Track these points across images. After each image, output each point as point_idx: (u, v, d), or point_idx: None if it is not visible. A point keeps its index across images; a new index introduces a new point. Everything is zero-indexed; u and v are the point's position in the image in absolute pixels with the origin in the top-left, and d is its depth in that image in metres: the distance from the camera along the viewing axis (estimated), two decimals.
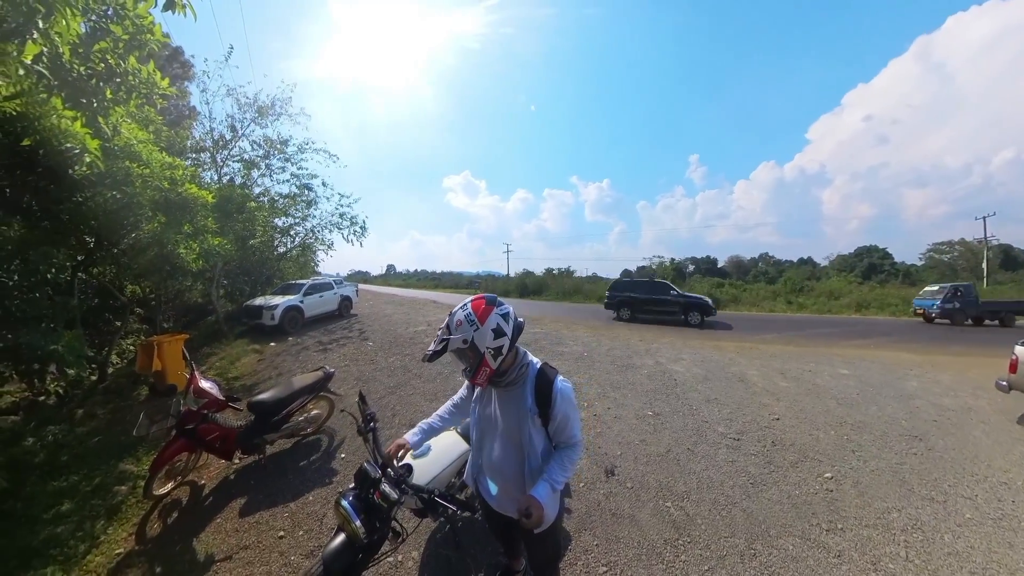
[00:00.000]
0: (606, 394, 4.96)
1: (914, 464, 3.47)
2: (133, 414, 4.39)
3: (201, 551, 2.59)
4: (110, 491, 3.24)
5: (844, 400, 4.88)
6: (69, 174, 2.53)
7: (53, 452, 3.74)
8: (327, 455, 3.61)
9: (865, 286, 25.74)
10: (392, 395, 4.94)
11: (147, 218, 3.92)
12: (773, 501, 2.95)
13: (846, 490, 3.08)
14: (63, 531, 2.81)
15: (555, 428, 1.46)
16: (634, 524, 2.71)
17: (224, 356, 7.45)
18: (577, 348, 7.41)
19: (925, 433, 4.05)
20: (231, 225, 7.07)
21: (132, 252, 4.72)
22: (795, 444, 3.77)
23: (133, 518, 2.96)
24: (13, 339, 3.31)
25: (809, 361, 6.85)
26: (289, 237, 12.01)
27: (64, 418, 4.33)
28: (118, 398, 5.08)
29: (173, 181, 3.85)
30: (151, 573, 2.46)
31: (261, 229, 9.68)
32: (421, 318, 11.07)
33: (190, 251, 4.78)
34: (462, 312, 1.40)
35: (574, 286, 31.35)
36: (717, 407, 4.59)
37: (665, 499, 2.98)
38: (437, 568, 2.30)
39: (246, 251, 9.75)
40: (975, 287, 14.67)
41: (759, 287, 27.80)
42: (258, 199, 9.88)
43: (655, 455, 3.57)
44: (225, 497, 3.13)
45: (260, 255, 10.79)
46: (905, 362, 7.06)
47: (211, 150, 10.13)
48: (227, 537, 2.70)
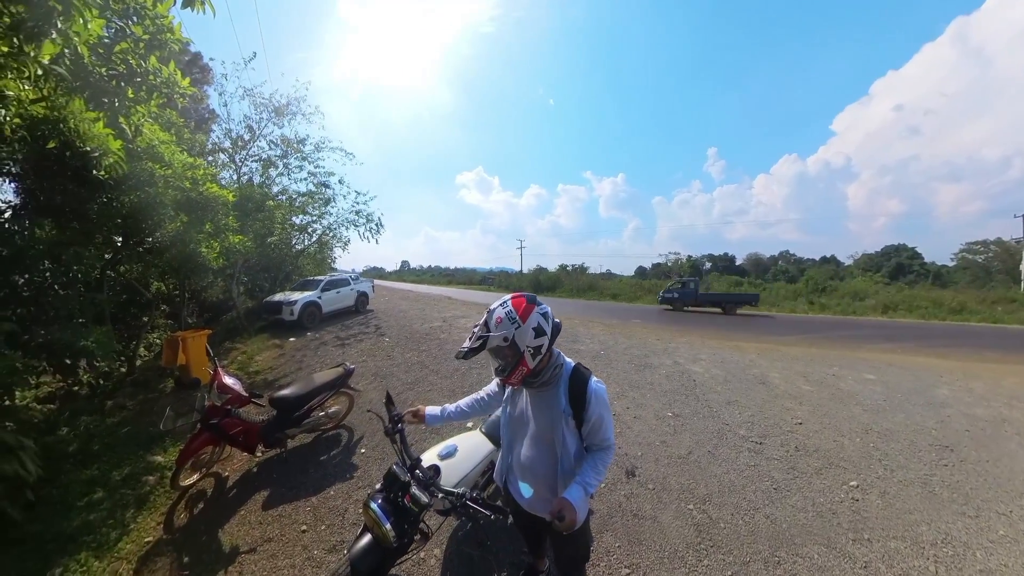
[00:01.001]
0: (624, 393, 4.90)
1: (944, 476, 3.30)
2: (160, 406, 4.53)
3: (226, 542, 2.65)
4: (139, 480, 3.35)
5: (870, 406, 4.69)
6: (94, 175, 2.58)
7: (86, 441, 3.88)
8: (347, 450, 3.65)
9: (892, 287, 24.63)
10: (410, 391, 4.96)
11: (169, 217, 4.01)
12: (797, 508, 2.87)
13: (872, 500, 2.97)
14: (95, 518, 2.91)
15: (589, 430, 1.45)
16: (656, 526, 2.68)
17: (245, 351, 7.62)
18: (594, 346, 7.33)
19: (957, 444, 3.83)
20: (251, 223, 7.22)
21: (156, 251, 4.85)
22: (819, 450, 3.65)
23: (161, 507, 3.05)
24: (47, 334, 3.44)
25: (832, 364, 6.59)
26: (307, 234, 12.22)
27: (96, 409, 4.49)
28: (146, 390, 5.25)
29: (194, 181, 3.94)
30: (179, 562, 2.52)
31: (280, 227, 9.87)
32: (436, 314, 11.11)
33: (211, 249, 4.88)
34: (502, 309, 1.37)
35: (588, 283, 31.20)
36: (738, 409, 4.48)
37: (687, 502, 2.93)
38: (460, 566, 2.30)
39: (265, 248, 9.96)
40: (700, 282, 20.59)
41: (779, 286, 27.15)
42: (276, 198, 10.06)
43: (676, 457, 3.51)
44: (248, 489, 3.19)
45: (279, 252, 11.01)
46: (935, 368, 6.69)
47: (230, 151, 10.37)
48: (251, 529, 2.75)
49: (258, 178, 10.66)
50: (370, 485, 3.06)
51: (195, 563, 2.50)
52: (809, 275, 28.91)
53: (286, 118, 10.76)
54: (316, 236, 12.40)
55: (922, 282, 29.98)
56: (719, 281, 29.55)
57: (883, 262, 40.99)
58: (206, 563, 2.49)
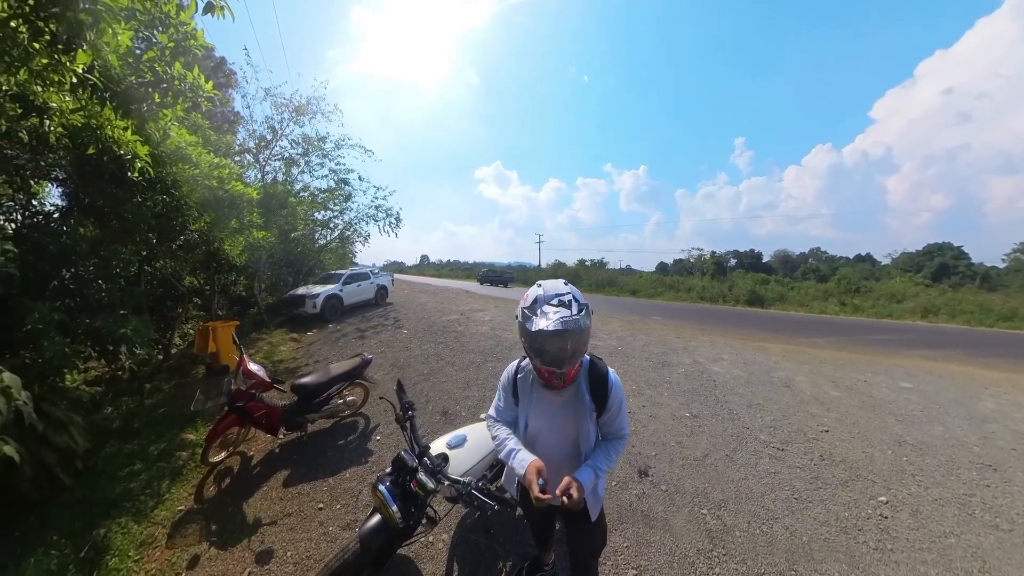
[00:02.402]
0: (641, 391, 4.82)
1: (986, 497, 3.01)
2: (192, 389, 4.84)
3: (250, 514, 2.85)
4: (173, 456, 3.62)
5: (904, 417, 4.39)
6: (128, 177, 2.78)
7: (127, 419, 4.21)
8: (363, 436, 3.81)
9: (934, 289, 22.70)
10: (426, 382, 5.07)
11: (194, 218, 4.26)
12: (819, 521, 2.73)
13: (903, 519, 2.76)
14: (134, 487, 3.17)
15: (607, 419, 1.44)
16: (667, 529, 2.62)
17: (270, 341, 8.00)
18: (611, 342, 7.26)
19: (1001, 463, 3.50)
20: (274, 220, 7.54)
21: (187, 247, 5.16)
22: (846, 460, 3.46)
23: (192, 480, 3.30)
24: (92, 323, 3.75)
25: (864, 370, 6.21)
26: (328, 229, 12.66)
27: (136, 391, 4.86)
28: (180, 375, 5.62)
29: (220, 179, 4.16)
30: (207, 530, 2.73)
31: (302, 223, 10.26)
32: (454, 307, 11.27)
33: (234, 246, 5.16)
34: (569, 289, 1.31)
35: (608, 278, 30.92)
36: (760, 413, 4.33)
37: (701, 506, 2.85)
38: (466, 552, 2.38)
39: (289, 244, 10.37)
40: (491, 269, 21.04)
41: (808, 285, 26.01)
42: (299, 195, 10.43)
43: (692, 459, 3.42)
44: (271, 468, 3.40)
45: (302, 247, 11.44)
46: (980, 379, 6.14)
47: (254, 151, 10.80)
48: (272, 504, 2.94)
49: (281, 176, 11.09)
50: (383, 470, 3.20)
51: (221, 531, 2.70)
52: (842, 274, 27.55)
53: (306, 117, 11.15)
54: (337, 231, 12.81)
55: (968, 284, 27.60)
56: (744, 279, 28.59)
57: (924, 262, 38.07)
58: (231, 532, 2.69)
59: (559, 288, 1.30)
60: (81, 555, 2.52)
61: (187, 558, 2.51)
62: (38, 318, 2.96)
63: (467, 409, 4.21)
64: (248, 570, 2.37)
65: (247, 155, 10.70)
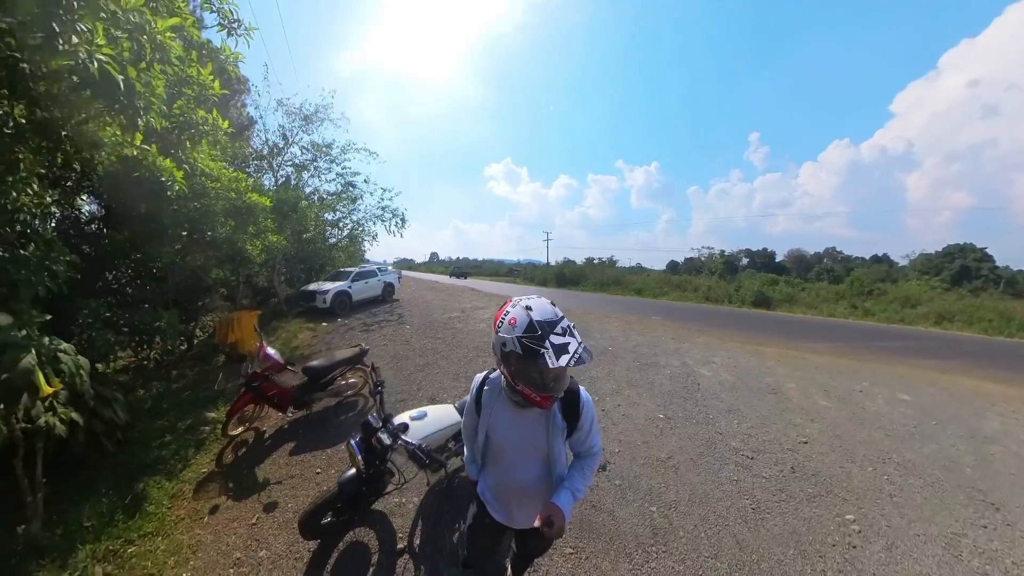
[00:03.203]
0: (620, 391, 4.91)
1: (979, 540, 2.70)
2: (214, 376, 5.45)
3: (260, 476, 3.40)
4: (197, 430, 4.23)
5: (895, 432, 4.17)
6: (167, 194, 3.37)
7: (157, 400, 4.85)
8: (360, 414, 4.33)
9: (952, 294, 21.22)
10: (420, 372, 5.51)
11: (220, 222, 4.86)
12: (773, 534, 2.64)
13: (874, 551, 2.55)
14: (166, 454, 3.79)
15: (579, 438, 1.42)
16: (612, 519, 2.72)
17: (288, 330, 8.64)
18: (603, 342, 7.34)
19: (994, 489, 3.29)
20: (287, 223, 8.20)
21: (214, 245, 5.77)
22: (819, 475, 3.32)
23: (213, 449, 3.88)
24: (131, 317, 4.38)
25: (863, 379, 5.94)
26: (338, 229, 13.34)
27: (163, 377, 5.51)
28: (202, 363, 6.28)
29: (238, 191, 4.75)
30: (225, 487, 3.29)
31: (313, 224, 10.94)
32: (456, 304, 11.71)
33: (255, 247, 5.79)
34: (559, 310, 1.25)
35: (613, 277, 30.99)
36: (737, 419, 4.27)
37: (651, 503, 2.90)
38: (430, 513, 2.79)
39: (301, 243, 11.06)
40: None
41: (820, 287, 25.07)
42: (309, 198, 11.10)
43: (654, 459, 3.46)
44: (280, 440, 3.95)
45: (313, 246, 12.14)
46: (988, 394, 5.67)
47: (268, 157, 11.51)
48: (279, 468, 3.48)
49: (293, 180, 11.79)
50: None
51: (236, 488, 3.26)
52: (854, 276, 26.52)
53: (314, 124, 11.82)
54: (347, 231, 13.49)
55: (990, 289, 25.46)
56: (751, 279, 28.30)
57: (944, 264, 35.67)
58: (244, 489, 3.24)
59: (552, 309, 1.23)
60: (125, 502, 3.09)
61: (209, 507, 3.06)
62: (88, 313, 3.58)
63: (453, 397, 4.68)
64: (257, 516, 2.90)
65: (263, 161, 11.42)
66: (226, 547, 2.64)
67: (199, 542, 2.72)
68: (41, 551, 2.61)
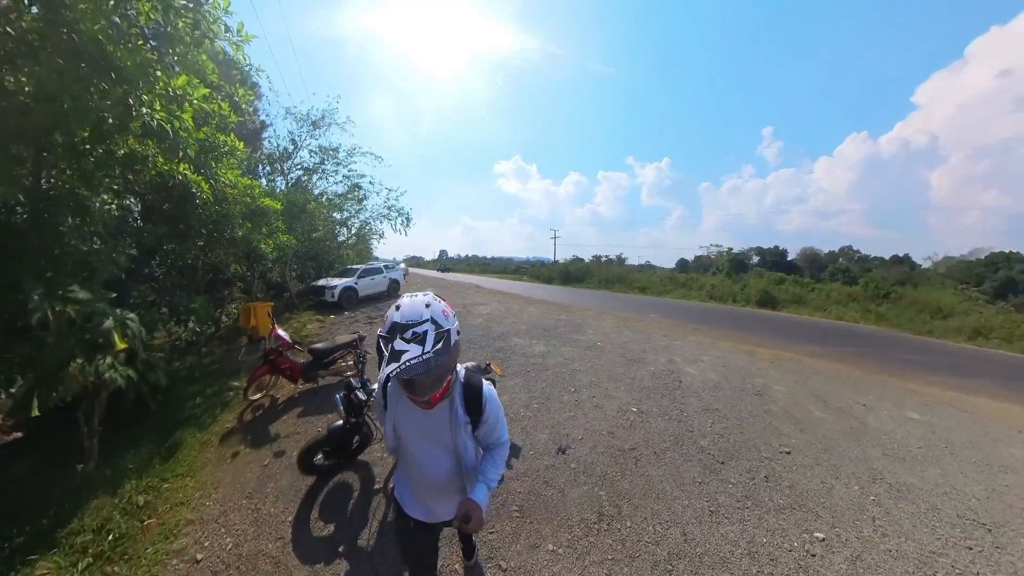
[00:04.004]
0: (599, 384, 5.00)
1: (962, 561, 2.46)
2: (236, 353, 6.29)
3: (273, 431, 4.15)
4: (223, 394, 5.05)
5: (895, 452, 3.82)
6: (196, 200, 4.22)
7: (190, 371, 5.70)
8: None
9: (992, 308, 18.60)
10: None
11: (238, 224, 5.66)
12: (727, 539, 2.54)
13: (835, 561, 2.40)
14: (197, 412, 4.59)
15: (484, 432, 1.44)
16: (561, 496, 2.87)
17: (297, 322, 9.48)
18: (593, 337, 7.46)
19: (1001, 524, 2.83)
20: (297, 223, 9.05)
21: (232, 244, 6.60)
22: (795, 487, 3.11)
23: (236, 410, 4.66)
24: (171, 300, 5.23)
25: (868, 392, 5.54)
26: (346, 228, 14.22)
27: (194, 353, 6.36)
28: (227, 343, 7.16)
29: (252, 196, 5.56)
30: (244, 438, 4.05)
31: (322, 224, 11.79)
32: (458, 300, 12.38)
33: (268, 246, 6.65)
34: (440, 302, 1.24)
35: (618, 275, 31.30)
36: (713, 419, 4.17)
37: (602, 488, 2.98)
38: None
39: (311, 242, 11.93)
40: None
41: (832, 287, 23.57)
42: (317, 199, 11.96)
43: (616, 449, 3.50)
44: (290, 406, 4.70)
45: (322, 244, 13.03)
46: (1016, 419, 5.16)
47: (279, 162, 12.41)
48: (288, 427, 4.22)
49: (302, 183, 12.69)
50: None
51: (254, 440, 4.02)
52: (869, 277, 24.68)
53: (321, 129, 12.67)
54: (354, 229, 14.36)
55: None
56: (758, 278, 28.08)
57: (986, 273, 30.42)
58: (259, 440, 4.00)
59: (418, 312, 1.16)
60: (162, 450, 3.87)
61: (231, 453, 3.81)
62: (137, 296, 4.38)
63: None
64: (268, 460, 3.63)
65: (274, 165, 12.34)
66: (241, 484, 3.34)
67: (220, 480, 3.44)
68: (95, 485, 3.35)
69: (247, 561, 2.46)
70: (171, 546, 2.63)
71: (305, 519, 2.80)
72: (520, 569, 2.32)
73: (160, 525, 2.85)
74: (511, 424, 3.86)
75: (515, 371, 5.39)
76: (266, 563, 2.44)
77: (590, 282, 30.47)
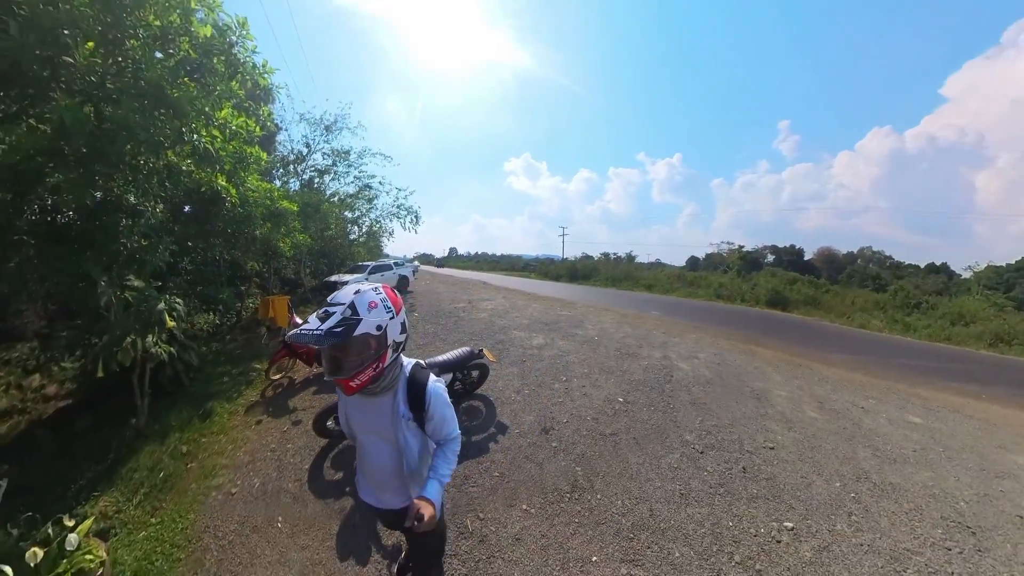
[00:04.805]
0: (590, 375, 5.17)
1: (937, 561, 2.41)
2: (257, 340, 7.01)
3: (291, 405, 4.76)
4: (247, 374, 5.73)
5: (887, 454, 3.75)
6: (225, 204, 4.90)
7: (216, 354, 6.41)
8: None
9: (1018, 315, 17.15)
10: (417, 350, 6.58)
11: (259, 224, 6.35)
12: (693, 519, 2.63)
13: (800, 549, 2.43)
14: (224, 387, 5.27)
15: (433, 428, 1.44)
16: (539, 469, 3.12)
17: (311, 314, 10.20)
18: (591, 332, 7.65)
19: (988, 529, 2.76)
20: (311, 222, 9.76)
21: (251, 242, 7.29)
22: (773, 480, 3.13)
23: (258, 387, 5.31)
24: (203, 291, 5.93)
25: (870, 396, 5.44)
26: (357, 226, 14.98)
27: (220, 340, 7.10)
28: (248, 332, 7.88)
29: (272, 199, 6.22)
30: (267, 410, 4.68)
31: (334, 223, 12.52)
32: (465, 296, 12.70)
33: (285, 244, 7.37)
34: (375, 294, 1.28)
35: (625, 272, 31.45)
36: (700, 414, 4.20)
37: (578, 465, 3.15)
38: None
39: (324, 240, 12.68)
40: None
41: (854, 292, 22.49)
42: (330, 199, 12.69)
43: (598, 433, 3.65)
44: (306, 385, 5.32)
45: (334, 242, 13.79)
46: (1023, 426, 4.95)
47: (293, 164, 13.20)
48: (304, 402, 4.84)
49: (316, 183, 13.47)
50: None
51: (275, 411, 4.64)
52: (900, 286, 23.13)
53: (333, 133, 13.42)
54: (365, 228, 15.13)
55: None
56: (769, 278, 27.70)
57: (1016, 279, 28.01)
58: (279, 411, 4.62)
59: (343, 297, 1.25)
60: (199, 414, 4.52)
61: (255, 421, 4.43)
62: (174, 287, 5.06)
63: None
64: (287, 427, 4.23)
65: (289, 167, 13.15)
66: (265, 442, 3.96)
67: (248, 438, 4.06)
68: (145, 436, 4.03)
69: (272, 495, 3.05)
70: (210, 483, 3.24)
71: (319, 468, 3.38)
72: (495, 521, 2.65)
73: (200, 468, 3.49)
74: (502, 408, 4.24)
75: (511, 361, 5.73)
76: (287, 497, 3.02)
77: (597, 279, 30.65)
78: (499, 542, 2.51)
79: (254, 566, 2.43)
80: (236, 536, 2.68)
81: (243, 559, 2.50)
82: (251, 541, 2.64)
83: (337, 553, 2.48)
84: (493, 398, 4.45)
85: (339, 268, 14.37)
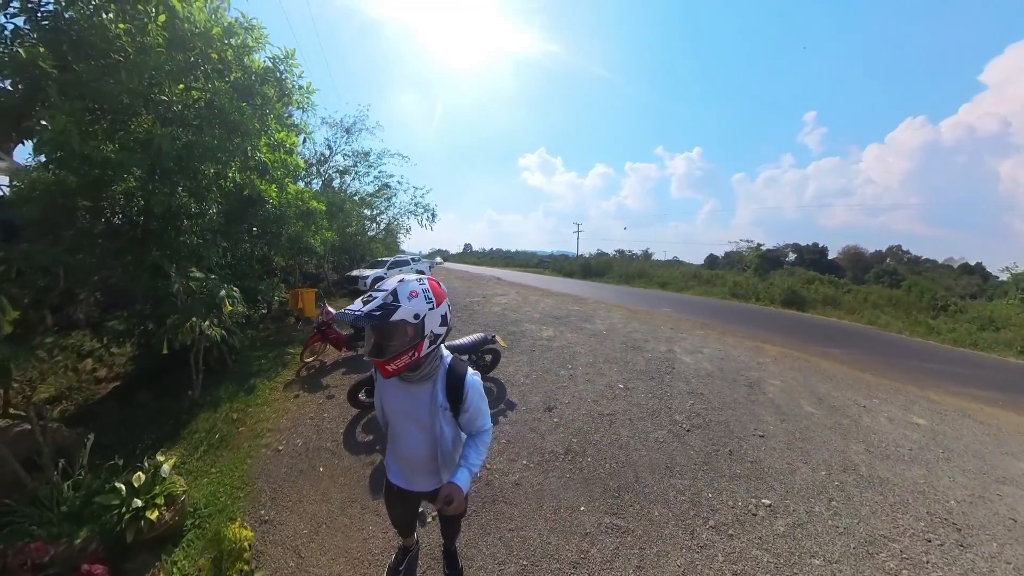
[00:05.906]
0: (595, 364, 5.46)
1: (914, 550, 2.42)
2: (288, 329, 7.70)
3: (324, 383, 5.35)
4: (283, 357, 6.39)
5: (881, 450, 3.70)
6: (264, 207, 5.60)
7: (253, 340, 7.12)
8: None
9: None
10: None
11: (292, 223, 7.04)
12: (675, 488, 2.81)
13: (775, 524, 2.52)
14: (264, 368, 5.92)
15: (467, 419, 1.49)
16: (540, 438, 3.49)
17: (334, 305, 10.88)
18: (600, 326, 7.94)
19: (975, 528, 2.72)
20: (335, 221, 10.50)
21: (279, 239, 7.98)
22: (756, 463, 3.22)
23: (294, 368, 5.93)
24: (244, 283, 6.64)
25: (874, 395, 5.34)
26: (376, 224, 15.76)
27: (255, 328, 7.84)
28: (279, 322, 8.64)
29: (303, 200, 6.89)
30: (302, 387, 5.27)
31: (355, 220, 13.26)
32: (479, 291, 13.10)
33: (316, 241, 8.09)
34: (418, 284, 1.34)
35: (638, 270, 31.34)
36: (695, 401, 4.37)
37: (575, 436, 3.50)
38: None
39: (345, 236, 13.45)
40: None
41: (877, 291, 21.33)
42: (351, 198, 13.46)
43: (596, 413, 3.96)
44: (336, 367, 5.92)
45: (355, 238, 14.57)
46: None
47: (316, 165, 14.01)
48: (335, 380, 5.42)
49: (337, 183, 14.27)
50: None
51: (310, 388, 5.23)
52: (914, 280, 22.35)
53: (353, 135, 14.17)
54: (384, 225, 15.90)
55: None
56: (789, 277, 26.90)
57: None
58: (314, 388, 5.21)
59: (388, 285, 1.33)
60: (243, 388, 5.15)
61: (293, 395, 5.02)
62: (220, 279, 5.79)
63: None
64: (322, 400, 4.80)
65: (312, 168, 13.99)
66: (304, 412, 4.52)
67: (288, 409, 4.63)
68: (200, 406, 4.63)
69: (313, 452, 3.61)
70: (260, 442, 3.83)
71: (352, 432, 3.93)
72: (498, 471, 3.17)
73: (250, 431, 4.08)
74: (511, 389, 4.64)
75: (522, 350, 6.11)
76: (326, 454, 3.57)
77: (610, 276, 30.64)
78: (501, 486, 3.00)
79: (302, 502, 2.97)
80: (285, 480, 3.24)
81: (292, 496, 3.04)
82: (298, 483, 3.19)
83: (370, 492, 3.01)
84: (504, 380, 4.93)
85: (359, 263, 15.16)
